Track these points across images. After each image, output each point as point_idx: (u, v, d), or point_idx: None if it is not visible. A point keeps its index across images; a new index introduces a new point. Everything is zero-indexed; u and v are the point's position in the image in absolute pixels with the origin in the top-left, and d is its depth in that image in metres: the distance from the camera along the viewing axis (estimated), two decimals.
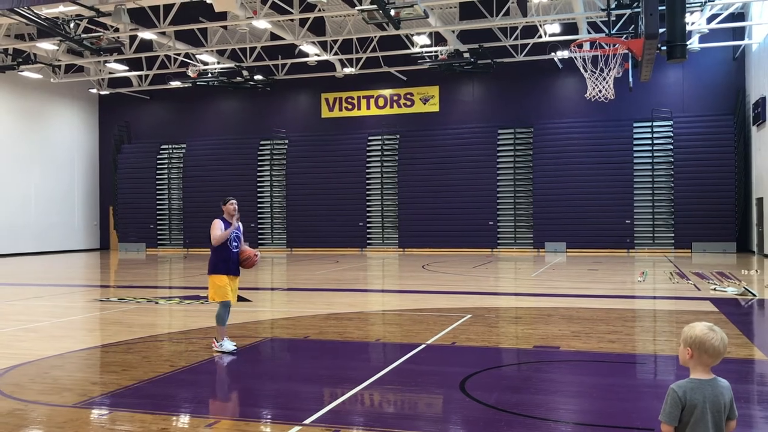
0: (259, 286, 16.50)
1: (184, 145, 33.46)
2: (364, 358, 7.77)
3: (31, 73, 29.05)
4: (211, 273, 7.78)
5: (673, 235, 26.72)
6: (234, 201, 7.94)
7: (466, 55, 25.79)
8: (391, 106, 30.77)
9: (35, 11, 19.45)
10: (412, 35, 24.94)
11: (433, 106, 30.24)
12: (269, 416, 5.48)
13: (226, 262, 7.74)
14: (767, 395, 6.16)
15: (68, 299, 13.54)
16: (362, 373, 6.62)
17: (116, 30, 23.35)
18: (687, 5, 15.86)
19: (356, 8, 19.43)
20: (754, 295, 12.36)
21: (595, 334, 8.57)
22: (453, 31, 24.78)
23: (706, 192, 26.07)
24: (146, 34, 23.67)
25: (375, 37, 26.10)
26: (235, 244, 7.84)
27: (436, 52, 25.89)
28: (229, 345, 7.61)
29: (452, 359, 7.53)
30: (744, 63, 26.39)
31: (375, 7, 18.26)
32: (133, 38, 25.65)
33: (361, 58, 27.88)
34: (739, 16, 25.25)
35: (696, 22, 22.09)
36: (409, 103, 30.54)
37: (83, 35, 21.56)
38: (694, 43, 23.72)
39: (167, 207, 33.57)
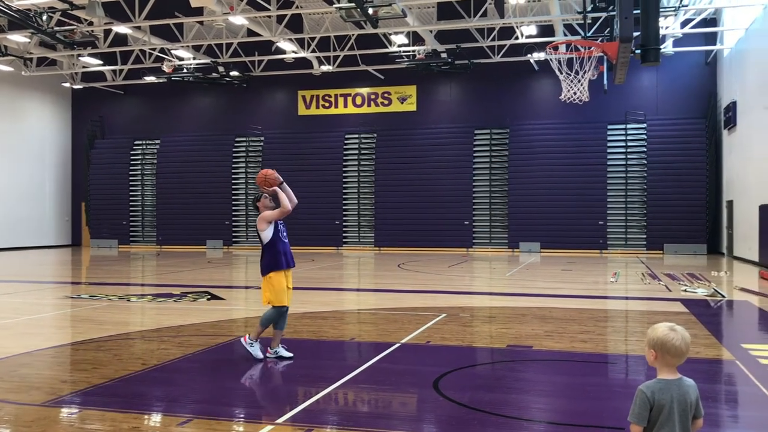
0: (234, 284, 16.41)
1: (159, 141, 33.13)
2: (338, 357, 7.76)
3: (2, 66, 28.54)
4: (269, 271, 7.09)
5: (645, 236, 27.06)
6: (267, 195, 7.30)
7: (444, 55, 25.87)
8: (369, 105, 30.76)
9: (6, 2, 19.11)
10: (390, 34, 24.95)
11: (411, 106, 30.29)
12: (242, 415, 5.45)
13: (285, 255, 7.15)
14: (735, 395, 6.26)
15: (38, 296, 13.34)
16: (336, 372, 6.61)
17: (90, 23, 23.04)
18: (661, 10, 16.09)
19: (334, 6, 19.38)
20: (723, 296, 12.56)
21: (568, 334, 8.65)
22: (431, 31, 24.84)
23: (678, 194, 26.44)
24: (121, 28, 23.38)
25: (353, 35, 26.06)
26: (285, 233, 7.32)
27: (413, 51, 25.93)
28: (258, 351, 7.16)
29: (426, 358, 7.55)
30: (716, 67, 26.81)
31: (353, 5, 18.24)
32: (107, 32, 25.32)
33: (339, 56, 27.82)
34: (712, 21, 25.63)
35: (670, 26, 22.39)
36: (386, 102, 30.55)
37: (56, 28, 21.24)
38: (667, 47, 24.04)
39: (140, 203, 33.22)
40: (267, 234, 7.16)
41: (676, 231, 26.34)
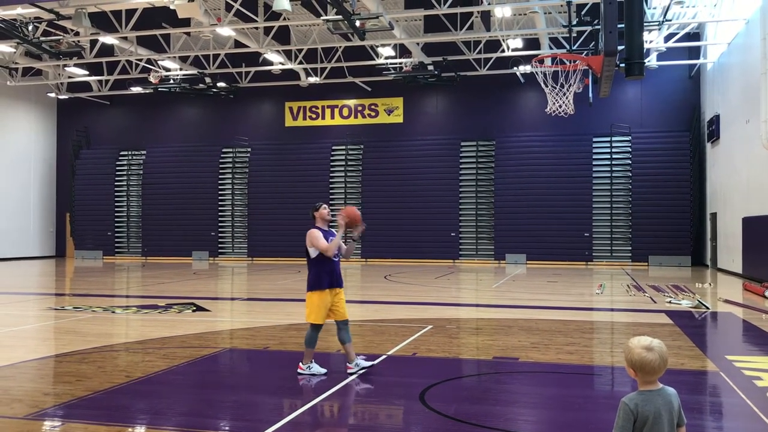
0: (219, 295, 16.33)
1: (144, 152, 33.00)
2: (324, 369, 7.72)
3: None
4: (313, 289, 7.01)
5: (630, 248, 27.21)
6: (326, 206, 7.32)
7: (430, 67, 26.00)
8: (356, 117, 30.83)
9: None
10: (377, 46, 25.06)
11: (397, 118, 30.38)
12: (227, 428, 5.42)
13: (330, 274, 7.05)
14: (719, 406, 6.30)
15: (21, 307, 13.20)
16: (322, 384, 6.59)
17: (77, 34, 22.97)
18: (645, 24, 16.27)
19: (321, 18, 19.45)
20: (707, 307, 12.65)
21: (554, 346, 8.67)
22: (417, 44, 24.97)
23: (662, 206, 26.65)
24: (107, 39, 23.33)
25: (340, 47, 26.15)
26: (337, 253, 7.24)
27: (400, 63, 26.05)
28: (318, 368, 7.03)
29: (413, 370, 7.54)
30: (699, 81, 27.12)
31: (340, 17, 18.31)
32: (93, 42, 25.25)
33: (326, 67, 27.90)
34: (695, 35, 25.95)
35: (654, 40, 22.65)
36: (373, 113, 30.63)
37: (42, 38, 21.16)
38: (651, 61, 24.30)
39: (126, 214, 33.02)
40: (314, 250, 7.08)
41: (660, 243, 26.52)
